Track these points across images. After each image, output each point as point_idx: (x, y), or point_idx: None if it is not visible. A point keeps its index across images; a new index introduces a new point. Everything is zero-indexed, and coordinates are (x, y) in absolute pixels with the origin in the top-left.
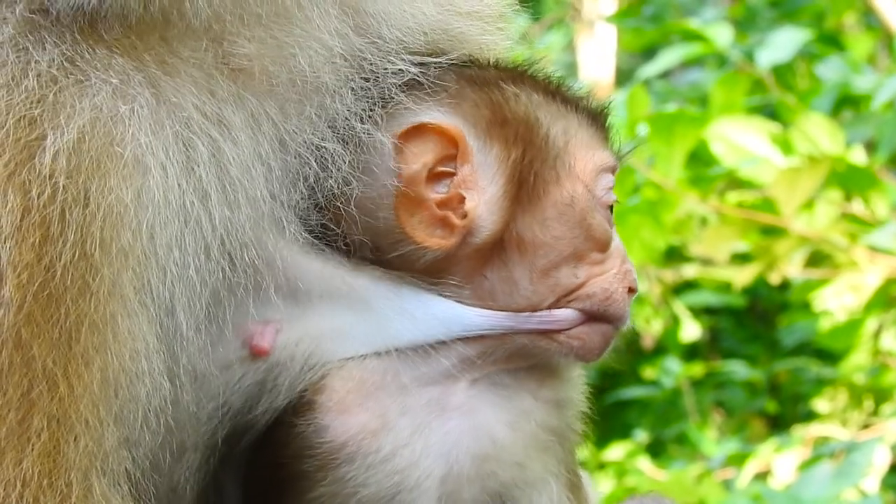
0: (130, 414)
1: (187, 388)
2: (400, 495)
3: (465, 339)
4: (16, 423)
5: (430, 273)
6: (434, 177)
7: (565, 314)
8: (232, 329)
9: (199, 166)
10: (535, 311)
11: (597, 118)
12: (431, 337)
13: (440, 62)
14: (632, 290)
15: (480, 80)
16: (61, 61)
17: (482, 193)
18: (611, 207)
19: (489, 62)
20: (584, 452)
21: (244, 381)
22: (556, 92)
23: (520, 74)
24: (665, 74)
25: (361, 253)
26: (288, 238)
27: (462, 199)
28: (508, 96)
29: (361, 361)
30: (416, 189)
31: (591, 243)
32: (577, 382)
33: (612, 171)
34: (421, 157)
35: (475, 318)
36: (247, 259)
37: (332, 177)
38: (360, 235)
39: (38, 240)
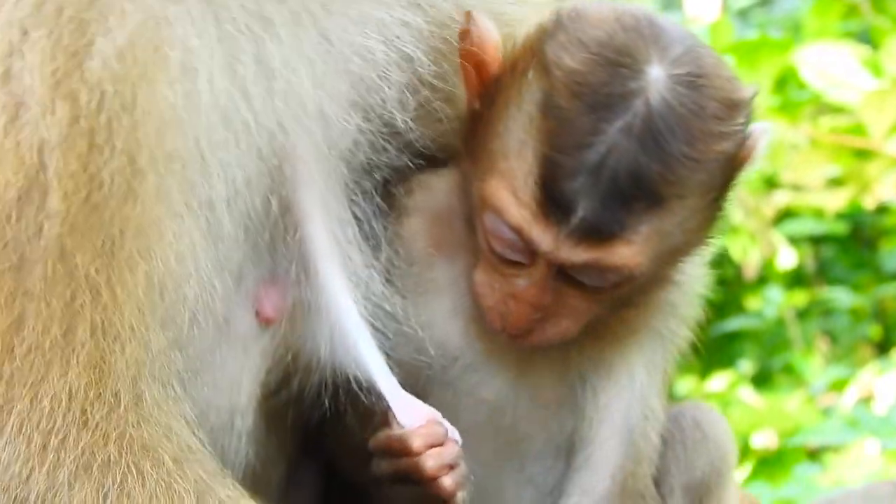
0: (178, 316)
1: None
2: None
3: None
4: (60, 335)
5: None
6: None
7: None
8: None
9: (242, 65)
10: None
11: None
12: None
13: None
14: None
15: None
16: None
17: None
18: None
19: None
20: (687, 384)
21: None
22: None
23: None
24: (764, 3)
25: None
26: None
27: None
28: None
29: None
30: None
31: None
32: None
33: None
34: None
35: None
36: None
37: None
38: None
39: (84, 149)
